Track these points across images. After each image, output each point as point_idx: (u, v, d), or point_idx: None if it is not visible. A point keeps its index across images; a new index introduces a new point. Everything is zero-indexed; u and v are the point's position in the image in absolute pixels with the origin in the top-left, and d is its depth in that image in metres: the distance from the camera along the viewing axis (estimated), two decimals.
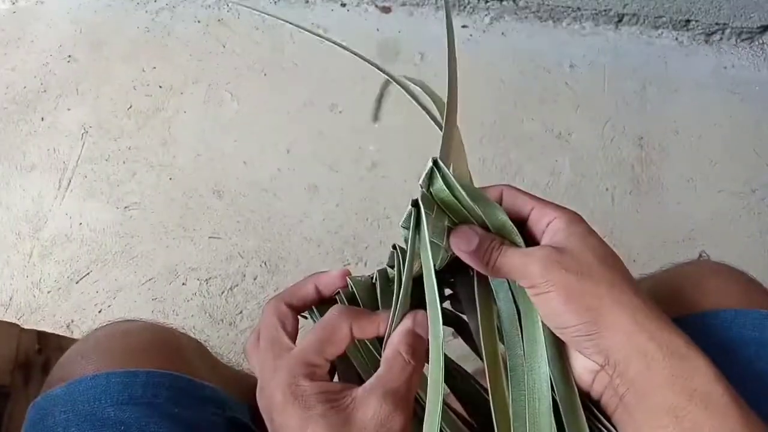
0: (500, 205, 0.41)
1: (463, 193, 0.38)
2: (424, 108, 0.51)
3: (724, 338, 0.46)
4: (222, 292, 1.08)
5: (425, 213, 0.39)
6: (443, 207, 0.40)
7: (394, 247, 0.44)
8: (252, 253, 1.11)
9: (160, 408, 0.47)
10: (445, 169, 0.38)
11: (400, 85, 0.52)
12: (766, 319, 0.46)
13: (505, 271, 0.39)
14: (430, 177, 0.39)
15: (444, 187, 0.39)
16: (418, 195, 0.39)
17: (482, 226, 0.40)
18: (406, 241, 0.41)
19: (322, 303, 0.46)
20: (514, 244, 0.40)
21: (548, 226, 0.39)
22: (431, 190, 0.39)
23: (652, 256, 1.09)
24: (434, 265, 0.40)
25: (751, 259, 1.09)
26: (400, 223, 0.41)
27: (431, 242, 0.39)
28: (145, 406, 0.47)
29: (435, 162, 0.38)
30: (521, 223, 0.41)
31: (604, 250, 0.38)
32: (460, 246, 0.40)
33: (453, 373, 0.46)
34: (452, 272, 0.45)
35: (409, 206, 0.40)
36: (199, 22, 1.33)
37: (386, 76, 0.54)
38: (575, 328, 0.36)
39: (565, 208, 0.40)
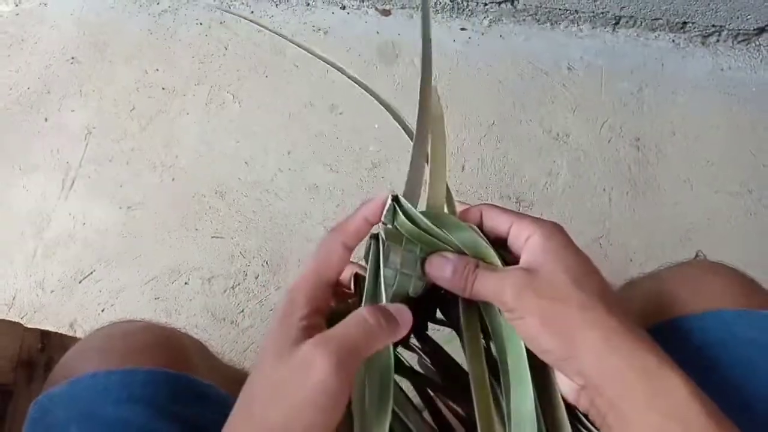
0: (482, 224, 0.41)
1: (428, 222, 0.39)
2: (406, 129, 0.52)
3: (725, 339, 0.46)
4: (224, 291, 1.10)
5: (390, 245, 0.39)
6: (411, 238, 0.40)
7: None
8: (254, 253, 1.12)
9: (160, 406, 0.48)
10: (406, 203, 0.39)
11: (379, 101, 0.53)
12: (767, 319, 0.46)
13: (482, 295, 0.39)
14: (393, 213, 0.39)
15: (407, 220, 0.39)
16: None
17: (458, 249, 0.40)
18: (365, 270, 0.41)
19: (336, 310, 0.43)
20: (492, 263, 0.40)
21: (526, 242, 0.39)
22: (396, 224, 0.40)
23: (649, 257, 1.10)
24: (409, 292, 0.41)
25: (748, 259, 1.09)
26: (363, 256, 0.41)
27: (402, 273, 0.40)
28: (145, 405, 0.47)
29: (395, 198, 0.39)
30: (504, 240, 0.41)
31: (578, 268, 0.37)
32: (435, 275, 0.40)
33: (453, 373, 0.46)
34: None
35: (367, 238, 0.40)
36: (201, 24, 1.34)
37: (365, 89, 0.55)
38: (553, 352, 0.36)
39: (543, 222, 0.39)
